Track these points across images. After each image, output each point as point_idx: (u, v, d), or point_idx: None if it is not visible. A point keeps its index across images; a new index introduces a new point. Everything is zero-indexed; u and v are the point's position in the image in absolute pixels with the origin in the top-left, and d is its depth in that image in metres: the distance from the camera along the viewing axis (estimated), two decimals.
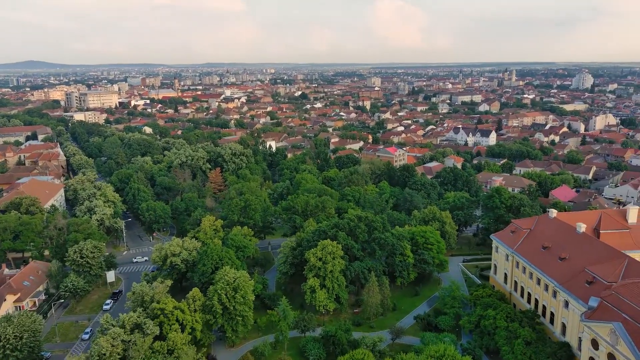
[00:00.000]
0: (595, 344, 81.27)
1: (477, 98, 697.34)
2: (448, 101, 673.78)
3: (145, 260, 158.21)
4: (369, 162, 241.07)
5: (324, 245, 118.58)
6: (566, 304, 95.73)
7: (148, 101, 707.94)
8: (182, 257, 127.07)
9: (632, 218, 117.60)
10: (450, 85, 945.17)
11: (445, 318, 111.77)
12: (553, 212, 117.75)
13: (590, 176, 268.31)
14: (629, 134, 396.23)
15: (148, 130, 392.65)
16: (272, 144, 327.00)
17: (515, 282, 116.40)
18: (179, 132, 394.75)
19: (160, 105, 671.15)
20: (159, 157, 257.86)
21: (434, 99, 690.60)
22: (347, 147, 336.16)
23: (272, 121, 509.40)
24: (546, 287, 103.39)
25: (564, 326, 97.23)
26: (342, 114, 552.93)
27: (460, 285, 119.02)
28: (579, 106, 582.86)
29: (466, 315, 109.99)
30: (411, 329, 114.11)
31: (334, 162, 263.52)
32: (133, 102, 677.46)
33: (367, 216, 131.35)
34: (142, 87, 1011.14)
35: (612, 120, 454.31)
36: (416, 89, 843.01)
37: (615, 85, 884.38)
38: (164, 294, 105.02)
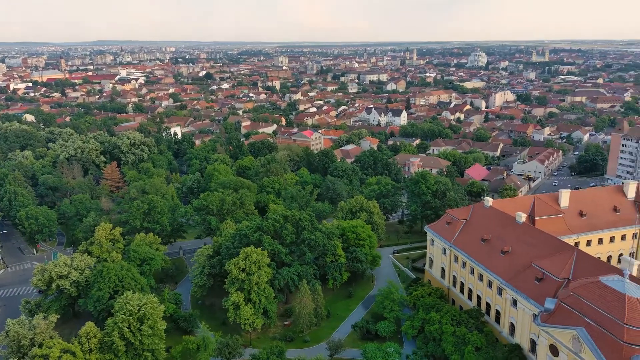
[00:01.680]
0: (554, 350, 74.78)
1: (384, 77, 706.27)
2: (356, 80, 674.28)
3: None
4: (287, 148, 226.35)
5: (247, 253, 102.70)
6: (514, 302, 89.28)
7: (30, 84, 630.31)
8: (72, 278, 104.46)
9: (564, 202, 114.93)
10: (356, 65, 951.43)
11: (386, 324, 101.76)
12: (489, 201, 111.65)
13: (498, 153, 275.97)
14: (526, 110, 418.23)
15: (29, 117, 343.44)
16: (177, 130, 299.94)
17: (454, 277, 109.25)
18: (67, 119, 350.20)
19: (44, 88, 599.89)
20: (42, 151, 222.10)
21: (342, 79, 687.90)
22: (261, 131, 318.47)
23: (175, 104, 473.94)
24: (490, 284, 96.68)
25: (512, 326, 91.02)
26: (251, 95, 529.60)
27: (397, 286, 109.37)
28: (478, 84, 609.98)
29: (408, 319, 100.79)
30: (349, 339, 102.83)
31: (248, 148, 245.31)
32: (12, 86, 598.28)
33: (294, 215, 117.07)
34: (23, 68, 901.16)
35: (509, 96, 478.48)
36: (324, 68, 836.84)
37: (506, 63, 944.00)
38: (48, 334, 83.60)
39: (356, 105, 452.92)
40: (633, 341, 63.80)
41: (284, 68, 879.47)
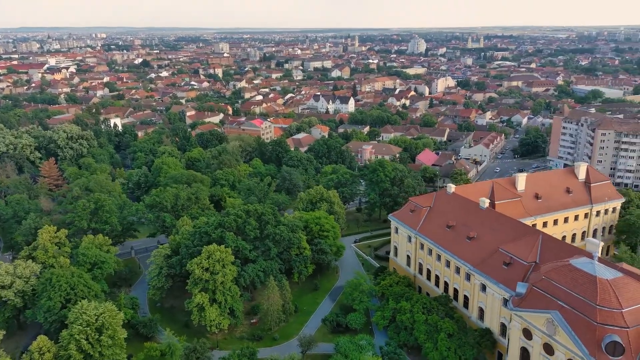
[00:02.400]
0: (527, 334, 76.13)
1: (328, 64, 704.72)
2: (301, 67, 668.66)
3: None
4: (238, 139, 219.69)
5: (209, 252, 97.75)
6: (483, 287, 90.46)
7: None
8: (16, 288, 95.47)
9: (520, 186, 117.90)
10: (299, 51, 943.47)
11: (356, 316, 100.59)
12: (451, 187, 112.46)
13: (445, 138, 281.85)
14: (466, 95, 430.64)
15: None
16: (117, 122, 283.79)
17: (420, 264, 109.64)
18: None
19: None
20: None
21: (287, 65, 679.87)
22: (207, 120, 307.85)
23: (111, 93, 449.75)
24: (457, 270, 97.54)
25: (481, 310, 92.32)
26: (193, 83, 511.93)
27: (365, 277, 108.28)
28: (419, 70, 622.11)
29: (378, 309, 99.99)
30: (319, 334, 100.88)
31: (196, 139, 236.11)
32: None
33: (256, 209, 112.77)
34: None
35: (451, 82, 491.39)
36: (267, 55, 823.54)
37: (444, 49, 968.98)
38: None
39: (302, 92, 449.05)
40: (605, 321, 65.70)
41: (226, 55, 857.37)
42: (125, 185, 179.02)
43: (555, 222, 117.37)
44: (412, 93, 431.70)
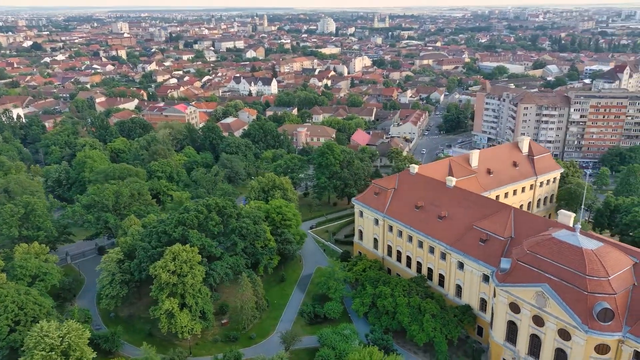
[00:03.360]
0: (515, 308, 78.49)
1: (240, 44, 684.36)
2: (212, 48, 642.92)
3: None
4: (167, 126, 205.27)
5: (174, 253, 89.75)
6: (460, 265, 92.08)
7: None
8: None
9: (474, 162, 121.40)
10: (207, 31, 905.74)
11: (333, 305, 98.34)
12: (414, 168, 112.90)
13: (373, 117, 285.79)
14: (384, 74, 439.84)
15: None
16: (19, 112, 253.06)
17: (389, 246, 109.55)
18: None
19: None
20: None
21: (196, 46, 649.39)
22: (122, 107, 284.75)
23: (3, 81, 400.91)
24: (431, 250, 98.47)
25: (458, 288, 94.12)
26: (95, 66, 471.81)
27: (338, 264, 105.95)
28: (334, 50, 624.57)
29: (355, 296, 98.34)
30: (296, 326, 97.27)
31: (117, 128, 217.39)
32: None
33: (217, 203, 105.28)
34: None
35: (367, 61, 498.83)
36: (173, 35, 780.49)
37: (353, 29, 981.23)
38: None
39: (219, 74, 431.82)
40: (595, 290, 69.16)
41: (126, 36, 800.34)
42: (44, 183, 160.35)
43: (506, 195, 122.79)
44: (332, 73, 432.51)
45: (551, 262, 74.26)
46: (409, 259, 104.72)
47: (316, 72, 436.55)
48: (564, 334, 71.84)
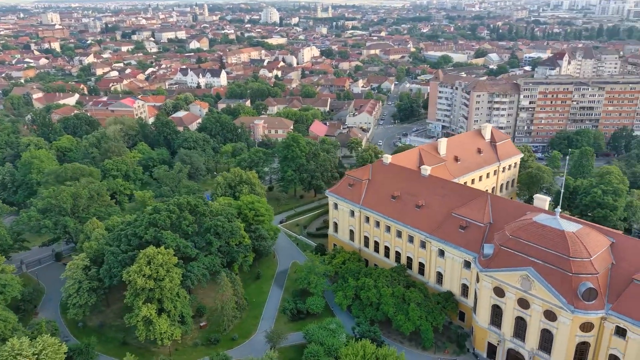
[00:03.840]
0: (499, 292, 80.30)
1: (182, 34, 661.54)
2: (152, 39, 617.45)
3: None
4: (117, 121, 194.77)
5: (149, 256, 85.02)
6: (441, 253, 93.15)
7: None
8: None
9: (442, 150, 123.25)
10: (144, 21, 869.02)
11: (315, 299, 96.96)
12: (387, 158, 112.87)
13: (327, 108, 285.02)
14: (333, 64, 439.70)
15: None
16: None
17: (366, 237, 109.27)
18: None
19: None
20: None
21: (135, 37, 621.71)
22: (62, 102, 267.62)
23: None
24: (411, 239, 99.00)
25: (439, 275, 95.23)
26: (28, 60, 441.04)
27: (318, 258, 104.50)
28: (280, 40, 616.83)
29: (337, 289, 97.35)
30: (279, 324, 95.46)
31: (61, 126, 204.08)
32: None
33: (188, 202, 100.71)
34: None
35: (316, 52, 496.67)
36: (109, 25, 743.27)
37: (297, 19, 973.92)
38: None
39: (163, 66, 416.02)
40: (579, 271, 71.76)
41: (58, 27, 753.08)
42: None
43: (473, 181, 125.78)
44: (282, 64, 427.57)
45: (535, 246, 76.36)
46: (387, 249, 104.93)
47: (265, 63, 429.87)
48: (550, 315, 74.24)
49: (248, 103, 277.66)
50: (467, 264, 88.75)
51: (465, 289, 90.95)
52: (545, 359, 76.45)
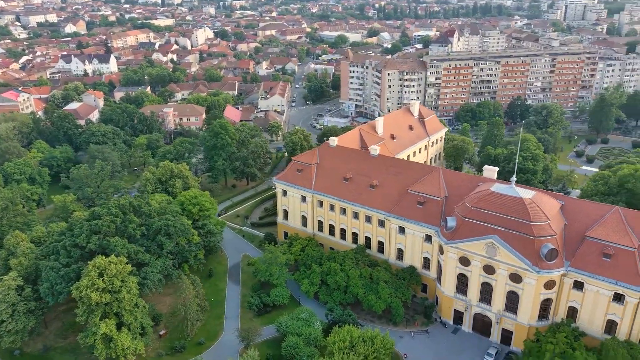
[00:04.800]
0: (465, 261, 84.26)
1: (52, 17, 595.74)
2: (18, 23, 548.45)
3: None
4: (7, 118, 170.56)
5: (100, 267, 76.30)
6: (401, 229, 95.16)
7: None
8: None
9: (379, 129, 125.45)
10: (3, 3, 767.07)
11: (280, 291, 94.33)
12: (334, 140, 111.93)
13: (236, 92, 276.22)
14: (230, 46, 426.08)
15: None
16: None
17: (320, 222, 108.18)
18: None
19: None
20: None
21: None
22: None
23: None
24: (368, 219, 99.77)
25: (399, 251, 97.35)
26: None
27: (277, 248, 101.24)
28: (167, 21, 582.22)
29: (302, 277, 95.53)
30: (245, 320, 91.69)
31: None
32: None
33: (130, 202, 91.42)
34: None
35: (209, 33, 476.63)
36: None
37: None
38: None
39: (39, 54, 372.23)
40: (540, 234, 77.45)
41: None
42: None
43: (408, 157, 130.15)
44: (175, 47, 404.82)
45: (496, 215, 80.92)
46: (343, 231, 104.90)
47: (157, 46, 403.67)
48: (516, 278, 79.61)
49: (148, 90, 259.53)
50: (428, 238, 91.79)
51: (426, 262, 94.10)
52: (512, 319, 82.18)
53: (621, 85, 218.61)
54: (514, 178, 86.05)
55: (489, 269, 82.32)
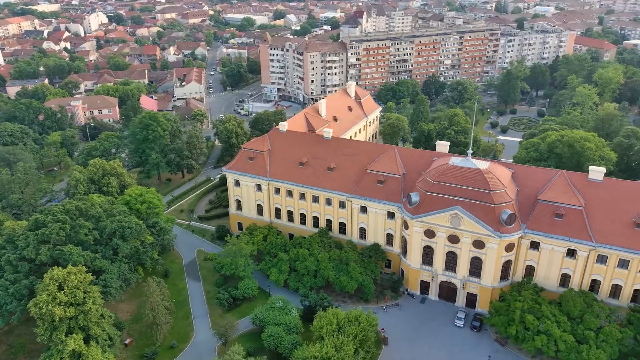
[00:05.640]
0: (430, 233, 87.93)
1: None
2: None
3: None
4: None
5: (59, 279, 69.38)
6: (363, 209, 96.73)
7: None
8: None
9: (323, 111, 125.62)
10: None
11: (248, 283, 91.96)
12: (284, 125, 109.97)
13: (147, 80, 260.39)
14: (129, 31, 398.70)
15: None
16: None
17: (277, 209, 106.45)
18: None
19: None
20: None
21: None
22: None
23: None
24: (329, 202, 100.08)
25: (362, 230, 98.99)
26: None
27: (237, 240, 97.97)
28: (52, 6, 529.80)
29: (269, 266, 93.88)
30: (215, 317, 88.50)
31: None
32: None
33: (76, 206, 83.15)
34: None
35: (103, 18, 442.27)
36: None
37: None
38: None
39: None
40: (499, 201, 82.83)
41: None
42: None
43: (351, 137, 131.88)
44: (67, 34, 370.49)
45: (458, 187, 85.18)
46: (303, 216, 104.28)
47: (45, 34, 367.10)
48: (479, 244, 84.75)
49: (46, 82, 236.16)
50: (391, 215, 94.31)
51: (390, 238, 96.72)
52: (477, 282, 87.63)
53: (524, 59, 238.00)
54: (470, 151, 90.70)
55: (453, 239, 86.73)
